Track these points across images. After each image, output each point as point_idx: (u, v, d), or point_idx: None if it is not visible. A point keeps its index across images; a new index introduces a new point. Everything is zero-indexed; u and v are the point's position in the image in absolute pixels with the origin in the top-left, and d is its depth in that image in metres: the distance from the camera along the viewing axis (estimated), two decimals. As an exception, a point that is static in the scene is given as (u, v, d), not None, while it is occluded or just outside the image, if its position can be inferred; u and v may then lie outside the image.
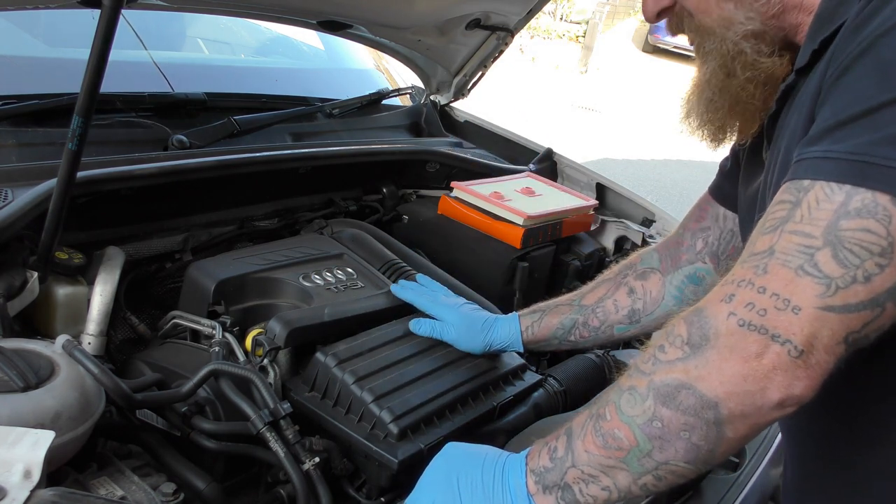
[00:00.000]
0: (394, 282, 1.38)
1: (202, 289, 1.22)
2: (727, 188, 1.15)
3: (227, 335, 1.18)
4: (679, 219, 1.30)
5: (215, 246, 1.52)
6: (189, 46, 2.19)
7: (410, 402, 1.09)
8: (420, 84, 2.32)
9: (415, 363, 1.18)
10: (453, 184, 1.80)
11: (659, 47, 14.36)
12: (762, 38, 0.87)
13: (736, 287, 0.72)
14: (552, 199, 1.85)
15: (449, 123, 2.34)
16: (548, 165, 2.14)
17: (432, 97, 2.31)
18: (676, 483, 0.78)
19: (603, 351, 1.49)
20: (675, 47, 13.09)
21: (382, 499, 1.07)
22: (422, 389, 1.13)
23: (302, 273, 1.32)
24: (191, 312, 1.23)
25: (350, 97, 2.02)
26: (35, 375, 0.88)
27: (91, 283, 1.20)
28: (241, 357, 1.16)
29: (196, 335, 1.23)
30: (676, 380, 0.73)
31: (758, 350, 0.69)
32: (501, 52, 2.14)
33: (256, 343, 1.16)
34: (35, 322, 1.17)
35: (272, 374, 1.14)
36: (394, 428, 1.04)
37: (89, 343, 1.18)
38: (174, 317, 1.24)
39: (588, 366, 1.44)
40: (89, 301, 1.19)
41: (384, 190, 1.89)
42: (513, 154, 2.23)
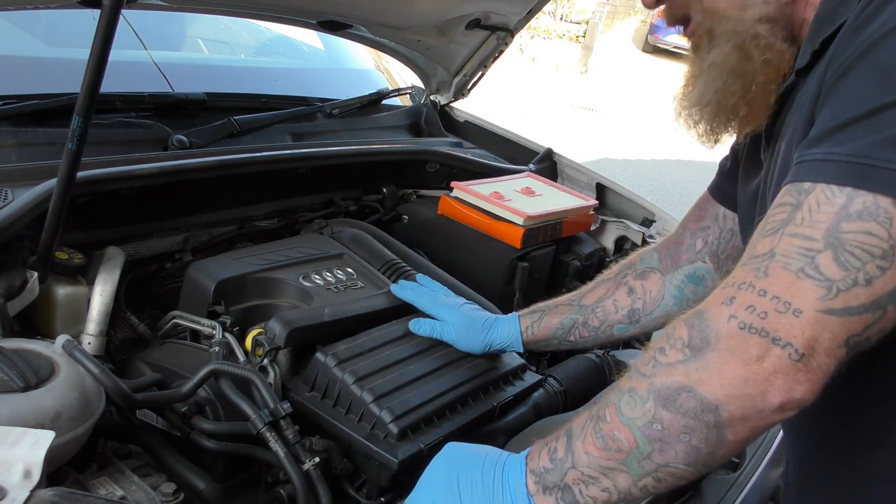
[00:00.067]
0: (394, 282, 1.38)
1: (202, 289, 1.22)
2: (727, 187, 1.15)
3: (227, 335, 1.18)
4: (679, 219, 1.30)
5: (215, 246, 1.52)
6: (189, 46, 2.19)
7: (410, 402, 1.09)
8: (420, 84, 2.31)
9: (415, 363, 1.18)
10: (453, 184, 1.80)
11: (659, 47, 14.36)
12: (776, 24, 0.85)
13: (736, 290, 0.72)
14: (552, 199, 1.85)
15: (449, 123, 2.34)
16: (548, 165, 2.14)
17: (432, 97, 2.30)
18: (676, 485, 0.78)
19: (603, 351, 1.49)
20: (675, 47, 13.08)
21: (382, 499, 1.07)
22: (422, 389, 1.13)
23: (302, 273, 1.32)
24: (191, 312, 1.23)
25: (350, 97, 2.01)
26: (35, 375, 0.88)
27: (91, 283, 1.20)
28: (241, 357, 1.16)
29: (196, 335, 1.23)
30: (677, 382, 0.73)
31: (758, 353, 0.68)
32: (501, 52, 2.14)
33: (256, 343, 1.16)
34: (35, 322, 1.17)
35: (272, 374, 1.14)
36: (394, 428, 1.04)
37: (89, 343, 1.18)
38: (174, 317, 1.25)
39: (588, 366, 1.44)
40: (89, 301, 1.19)
41: (384, 190, 1.89)
42: (513, 154, 2.23)
